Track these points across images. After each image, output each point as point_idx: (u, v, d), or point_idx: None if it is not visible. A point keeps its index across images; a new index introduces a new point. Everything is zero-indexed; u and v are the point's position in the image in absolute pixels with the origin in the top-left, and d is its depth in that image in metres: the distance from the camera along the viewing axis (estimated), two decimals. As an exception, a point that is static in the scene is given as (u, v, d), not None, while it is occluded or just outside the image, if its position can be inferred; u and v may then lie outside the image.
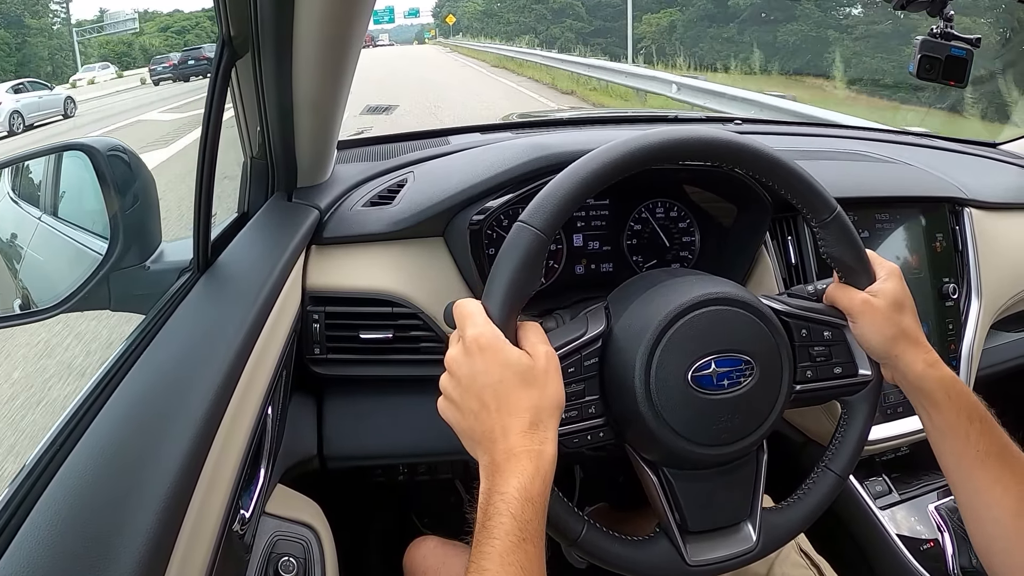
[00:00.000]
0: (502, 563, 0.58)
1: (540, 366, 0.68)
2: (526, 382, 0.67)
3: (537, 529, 0.62)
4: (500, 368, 0.67)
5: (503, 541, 0.59)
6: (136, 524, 0.54)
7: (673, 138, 0.75)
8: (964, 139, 1.78)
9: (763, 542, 0.79)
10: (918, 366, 0.79)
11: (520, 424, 0.66)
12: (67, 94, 16.76)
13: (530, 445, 0.65)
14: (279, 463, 1.00)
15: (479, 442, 0.67)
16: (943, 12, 1.12)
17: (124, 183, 1.01)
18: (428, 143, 1.42)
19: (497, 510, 0.61)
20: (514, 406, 0.66)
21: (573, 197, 0.72)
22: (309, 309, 1.07)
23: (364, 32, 0.91)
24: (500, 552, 0.59)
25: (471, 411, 0.67)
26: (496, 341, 0.68)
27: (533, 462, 0.64)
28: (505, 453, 0.64)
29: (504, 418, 0.66)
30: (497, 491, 0.62)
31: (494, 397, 0.66)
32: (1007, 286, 1.35)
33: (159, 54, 37.86)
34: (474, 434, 0.68)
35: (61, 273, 1.13)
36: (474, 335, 0.68)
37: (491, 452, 0.65)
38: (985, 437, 0.76)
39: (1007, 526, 0.73)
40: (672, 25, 33.25)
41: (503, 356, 0.67)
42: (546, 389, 0.68)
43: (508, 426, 0.65)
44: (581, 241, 1.19)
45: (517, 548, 0.59)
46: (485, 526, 0.61)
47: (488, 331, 0.68)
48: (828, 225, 0.81)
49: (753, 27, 28.39)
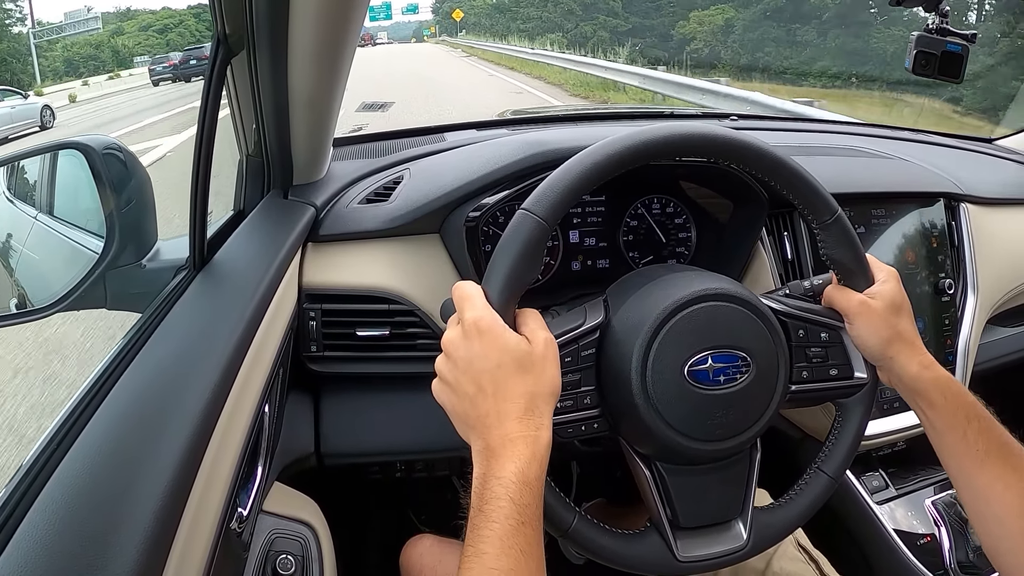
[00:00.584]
0: (502, 547, 0.58)
1: (538, 352, 0.68)
2: (523, 368, 0.67)
3: (535, 513, 0.62)
4: (498, 353, 0.67)
5: (502, 524, 0.59)
6: (134, 522, 0.53)
7: (678, 134, 0.75)
8: (960, 135, 1.78)
9: (753, 541, 0.79)
10: (913, 368, 0.79)
11: (516, 409, 0.66)
12: (44, 102, 14.87)
13: (526, 431, 0.65)
14: (276, 461, 1.00)
15: (473, 426, 0.67)
16: (939, 8, 1.12)
17: (120, 181, 1.00)
18: (424, 140, 1.42)
19: (495, 494, 0.61)
20: (511, 391, 0.66)
21: (577, 187, 0.72)
22: (305, 306, 1.07)
23: (359, 29, 0.91)
24: (500, 535, 0.59)
25: (467, 395, 0.67)
26: (495, 325, 0.68)
27: (529, 447, 0.64)
28: (501, 438, 0.64)
29: (500, 403, 0.66)
30: (494, 475, 0.62)
31: (491, 381, 0.66)
32: (1003, 281, 1.35)
33: (138, 55, 35.48)
34: (468, 418, 0.67)
35: (57, 272, 1.12)
36: (473, 318, 0.68)
37: (486, 437, 0.65)
38: (984, 436, 0.76)
39: (1011, 525, 0.73)
40: (728, 25, 28.58)
41: (502, 341, 0.67)
42: (543, 375, 0.68)
43: (504, 411, 0.65)
44: (577, 237, 1.19)
45: (517, 531, 0.59)
46: (482, 510, 0.61)
47: (487, 315, 0.68)
48: (829, 227, 0.81)
49: (837, 29, 23.41)
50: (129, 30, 53.44)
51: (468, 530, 0.61)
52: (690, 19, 30.54)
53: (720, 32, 28.63)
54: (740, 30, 28.05)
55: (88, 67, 40.82)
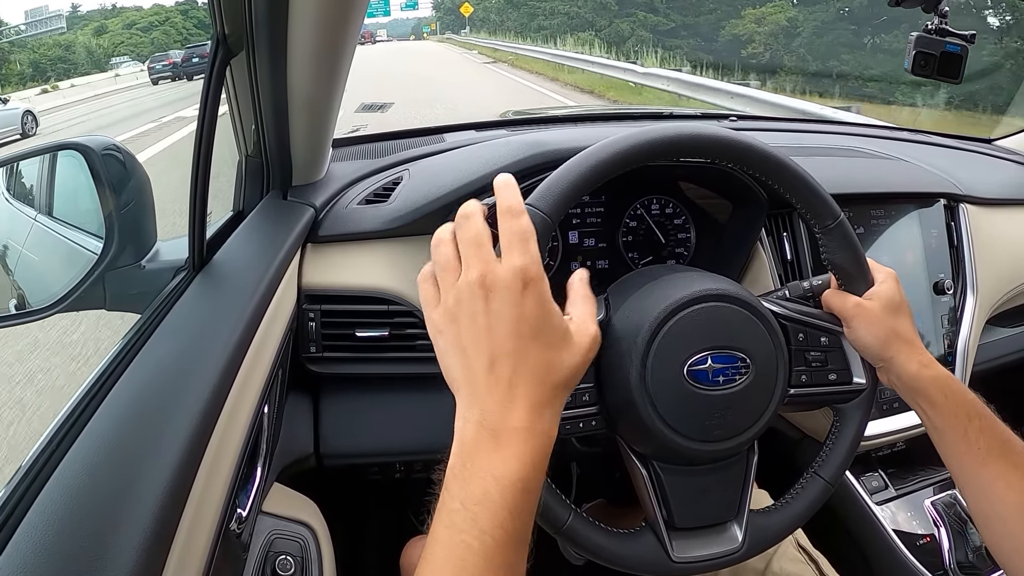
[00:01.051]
0: (487, 566, 0.51)
1: (583, 344, 0.61)
2: (557, 349, 0.58)
3: (528, 523, 0.55)
4: (542, 320, 0.57)
5: (493, 537, 0.51)
6: (133, 523, 0.53)
7: (683, 134, 0.75)
8: (959, 135, 1.78)
9: (748, 544, 0.79)
10: (912, 367, 0.79)
11: (534, 394, 0.56)
12: (25, 108, 13.61)
13: (538, 423, 0.56)
14: (276, 462, 1.00)
15: (472, 383, 0.57)
16: (938, 8, 1.12)
17: (119, 182, 1.01)
18: (423, 141, 1.42)
19: (490, 497, 0.52)
20: (536, 367, 0.57)
21: (580, 184, 0.72)
22: (305, 307, 1.06)
23: (359, 30, 0.91)
24: (489, 549, 0.51)
25: (479, 341, 0.57)
26: (545, 286, 0.58)
27: (537, 446, 0.56)
28: (506, 422, 0.55)
29: (518, 376, 0.56)
30: (491, 473, 0.53)
31: (519, 346, 0.56)
32: (1002, 282, 1.35)
33: (118, 56, 33.48)
34: (471, 372, 0.57)
35: (56, 273, 1.12)
36: (524, 265, 0.57)
37: (486, 408, 0.56)
38: (985, 434, 0.76)
39: (1015, 525, 0.73)
40: (793, 25, 23.13)
41: (549, 306, 0.58)
42: (574, 366, 0.60)
43: (518, 390, 0.56)
44: (577, 238, 1.19)
45: (506, 546, 0.52)
46: (469, 508, 0.52)
47: (539, 269, 0.57)
48: (831, 231, 0.81)
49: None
50: (113, 27, 51.61)
51: (444, 519, 0.53)
52: (744, 16, 25.70)
53: (781, 35, 23.18)
54: (807, 33, 22.48)
55: (57, 70, 38.57)
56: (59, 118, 16.01)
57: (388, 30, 74.21)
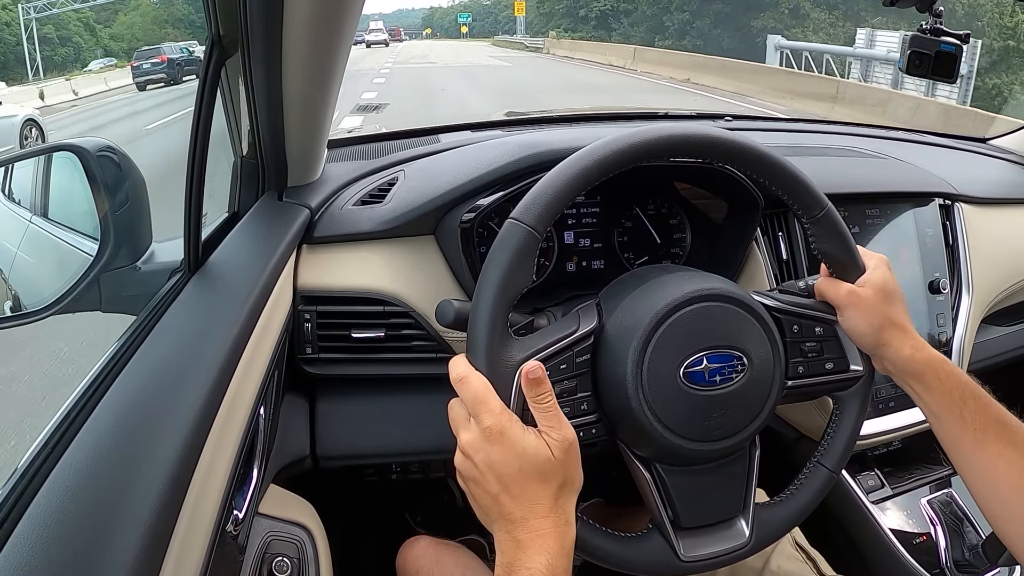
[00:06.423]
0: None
1: (558, 458, 0.67)
2: (544, 475, 0.67)
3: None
4: (519, 459, 0.66)
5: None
6: (129, 526, 0.53)
7: (666, 135, 0.76)
8: (954, 134, 1.79)
9: (756, 538, 0.80)
10: (906, 350, 0.80)
11: (541, 509, 0.66)
12: (26, 115, 9.05)
13: (554, 527, 0.65)
14: (272, 463, 0.99)
15: (495, 520, 0.67)
16: (932, 8, 1.13)
17: (114, 183, 1.00)
18: (418, 141, 1.42)
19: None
20: (534, 494, 0.66)
21: (565, 193, 0.72)
22: (300, 309, 1.06)
23: (354, 31, 0.91)
24: None
25: (490, 493, 0.67)
26: (513, 430, 0.67)
27: (558, 541, 0.65)
28: (528, 532, 0.65)
29: (524, 504, 0.66)
30: (523, 565, 0.63)
31: (514, 483, 0.66)
32: (998, 280, 1.35)
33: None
34: (491, 512, 0.68)
35: (51, 275, 1.12)
36: (490, 425, 0.67)
37: (511, 531, 0.66)
38: (981, 414, 0.76)
39: (1016, 506, 0.73)
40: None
41: (520, 447, 0.66)
42: (565, 478, 0.68)
43: (528, 511, 0.66)
44: (572, 238, 1.19)
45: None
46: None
47: (504, 420, 0.67)
48: (819, 221, 0.82)
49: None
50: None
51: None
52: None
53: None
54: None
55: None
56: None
57: (386, 23, 63.68)
